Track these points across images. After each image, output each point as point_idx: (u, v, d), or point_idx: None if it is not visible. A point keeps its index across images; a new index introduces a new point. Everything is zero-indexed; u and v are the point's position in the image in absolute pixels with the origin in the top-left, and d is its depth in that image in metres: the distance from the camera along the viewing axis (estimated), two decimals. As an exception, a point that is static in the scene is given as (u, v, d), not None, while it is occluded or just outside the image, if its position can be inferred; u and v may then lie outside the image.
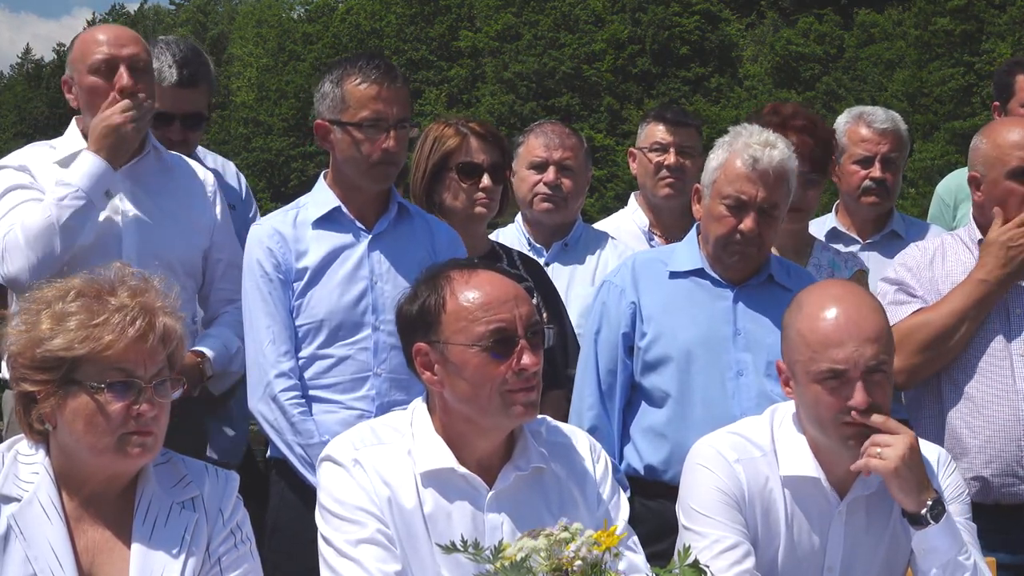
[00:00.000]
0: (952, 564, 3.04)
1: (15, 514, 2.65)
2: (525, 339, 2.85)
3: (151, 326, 2.66)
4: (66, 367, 2.62)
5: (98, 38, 4.09)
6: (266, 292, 3.86)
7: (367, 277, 3.89)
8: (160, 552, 2.70)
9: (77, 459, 2.69)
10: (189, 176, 4.29)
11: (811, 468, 3.12)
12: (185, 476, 2.80)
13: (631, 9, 47.73)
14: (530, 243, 4.90)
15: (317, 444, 3.75)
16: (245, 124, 53.14)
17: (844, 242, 4.96)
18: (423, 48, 50.57)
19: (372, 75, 3.83)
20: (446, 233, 4.05)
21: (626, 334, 3.92)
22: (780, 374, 3.18)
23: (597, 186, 41.36)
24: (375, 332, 3.87)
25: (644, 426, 3.90)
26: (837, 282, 3.22)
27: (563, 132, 4.94)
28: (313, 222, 3.91)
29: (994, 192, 3.92)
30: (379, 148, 3.83)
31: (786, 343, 3.13)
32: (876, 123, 4.94)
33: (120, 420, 2.64)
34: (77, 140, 4.14)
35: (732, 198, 3.80)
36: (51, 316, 2.64)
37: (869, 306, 3.10)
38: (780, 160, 3.82)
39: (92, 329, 2.61)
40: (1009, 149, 3.89)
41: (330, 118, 3.87)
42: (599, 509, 3.01)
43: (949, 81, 40.41)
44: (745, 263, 3.87)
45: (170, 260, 4.11)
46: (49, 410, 2.65)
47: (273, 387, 3.82)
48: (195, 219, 4.23)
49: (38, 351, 2.62)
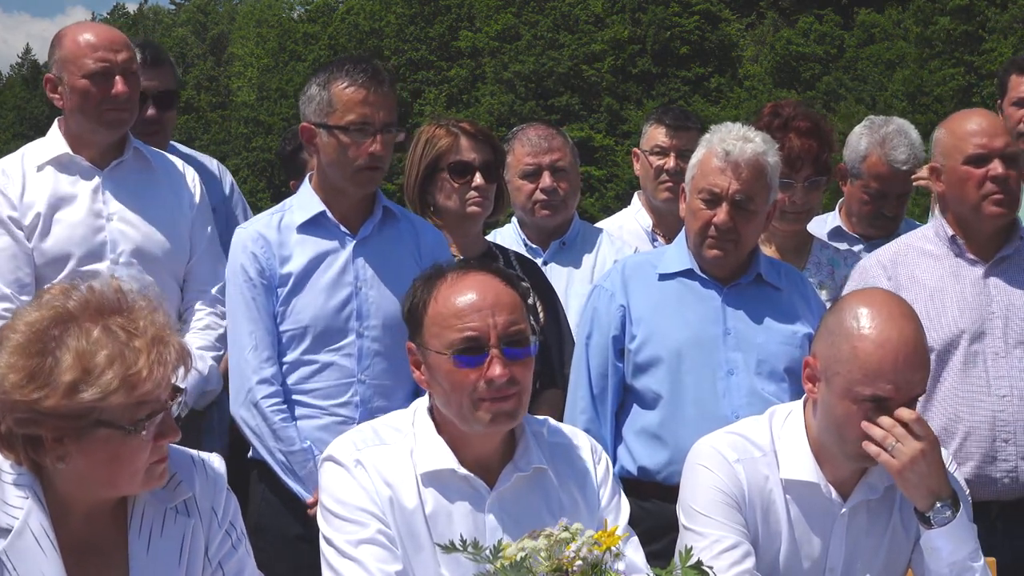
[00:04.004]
0: (961, 566, 3.03)
1: (6, 548, 2.45)
2: (497, 349, 2.82)
3: (173, 356, 2.48)
4: (96, 413, 2.40)
5: (91, 41, 4.09)
6: (249, 298, 3.85)
7: (352, 283, 3.88)
8: (160, 565, 2.59)
9: (88, 489, 2.51)
10: (171, 173, 4.32)
11: (811, 473, 3.11)
12: (175, 476, 2.65)
13: (631, 9, 47.72)
14: (526, 244, 4.88)
15: (298, 451, 3.79)
16: (245, 124, 53.14)
17: (848, 241, 4.95)
18: (423, 48, 50.55)
19: (359, 79, 3.81)
20: (432, 235, 4.04)
21: (616, 337, 3.92)
22: (806, 368, 3.11)
23: (597, 186, 41.41)
24: (359, 338, 3.86)
25: (636, 428, 3.90)
26: (899, 302, 3.10)
27: (547, 134, 4.88)
28: (298, 226, 3.90)
29: (952, 179, 3.97)
30: (365, 152, 3.81)
31: (833, 349, 3.02)
32: (897, 163, 4.75)
33: (150, 453, 2.49)
34: (59, 143, 4.16)
35: (706, 191, 3.82)
36: (74, 364, 2.38)
37: (924, 334, 3.06)
38: (754, 153, 3.82)
39: (128, 379, 2.39)
40: (965, 136, 3.95)
41: (316, 121, 3.85)
42: (600, 510, 3.00)
43: (949, 81, 40.40)
44: (725, 258, 3.86)
45: (155, 258, 4.13)
46: (65, 451, 2.42)
47: (255, 393, 3.82)
48: (179, 216, 4.25)
49: (65, 403, 2.37)
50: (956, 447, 3.83)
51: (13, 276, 4.04)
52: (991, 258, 3.98)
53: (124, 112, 4.12)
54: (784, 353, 3.86)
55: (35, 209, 4.08)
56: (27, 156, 4.18)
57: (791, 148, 4.33)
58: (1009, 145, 3.95)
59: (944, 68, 40.93)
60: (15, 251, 4.07)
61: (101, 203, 4.11)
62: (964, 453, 3.84)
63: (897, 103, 37.52)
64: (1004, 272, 3.98)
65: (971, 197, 3.93)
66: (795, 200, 4.41)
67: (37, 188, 4.10)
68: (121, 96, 4.07)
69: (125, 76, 4.08)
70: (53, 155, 4.14)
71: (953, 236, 4.00)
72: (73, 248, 4.07)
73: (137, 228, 4.15)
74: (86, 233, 4.10)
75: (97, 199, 4.13)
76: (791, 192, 4.38)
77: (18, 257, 4.06)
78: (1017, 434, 3.83)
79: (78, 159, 4.15)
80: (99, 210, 4.11)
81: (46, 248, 4.07)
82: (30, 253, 4.07)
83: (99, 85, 4.06)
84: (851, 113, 34.65)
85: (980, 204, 3.92)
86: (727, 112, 38.46)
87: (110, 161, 4.18)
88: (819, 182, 4.46)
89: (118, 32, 4.25)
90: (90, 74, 4.05)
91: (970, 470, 3.82)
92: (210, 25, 67.43)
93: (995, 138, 3.93)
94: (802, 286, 4.05)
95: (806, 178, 4.42)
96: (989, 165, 3.90)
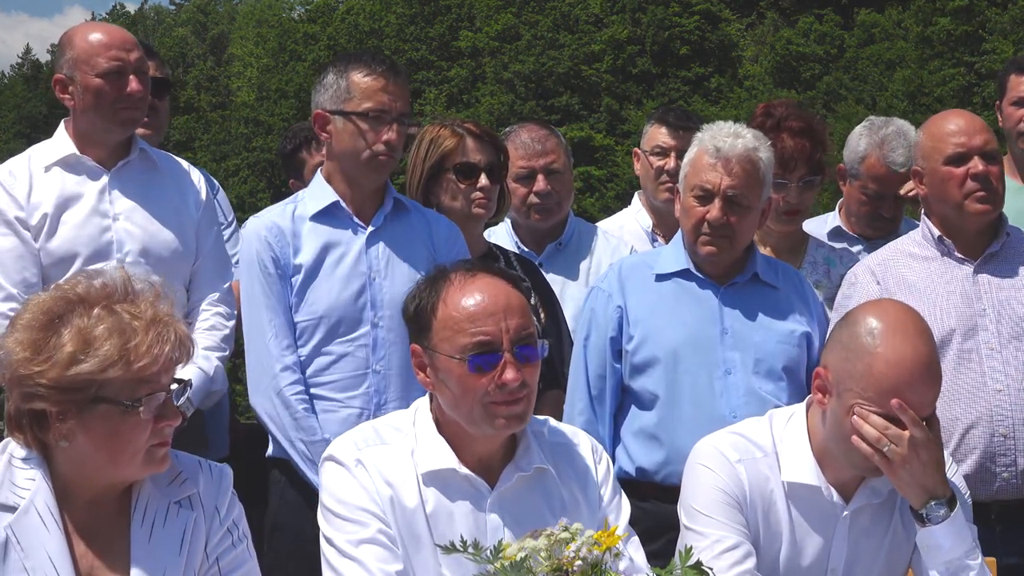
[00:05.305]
0: (957, 564, 3.03)
1: (12, 524, 2.56)
2: (510, 353, 2.83)
3: (173, 337, 2.59)
4: (95, 388, 2.52)
5: (104, 41, 4.11)
6: (267, 286, 3.85)
7: (366, 273, 3.88)
8: (160, 554, 2.65)
9: (91, 470, 2.61)
10: (177, 174, 4.34)
11: (813, 476, 3.11)
12: (180, 473, 2.74)
13: (631, 9, 47.70)
14: (519, 247, 4.82)
15: (320, 441, 3.74)
16: (245, 124, 53.09)
17: (848, 241, 4.94)
18: (423, 48, 50.53)
19: (378, 68, 3.86)
20: (445, 227, 4.04)
21: (614, 338, 3.92)
22: (816, 379, 3.08)
23: (597, 186, 41.40)
24: (374, 328, 3.86)
25: (634, 428, 3.90)
26: (914, 319, 3.05)
27: (540, 135, 4.81)
28: (311, 216, 3.91)
29: (934, 181, 3.98)
30: (380, 139, 3.84)
31: (846, 364, 3.00)
32: (896, 165, 4.73)
33: (151, 433, 2.58)
34: (66, 144, 4.17)
35: (699, 188, 3.83)
36: (75, 337, 2.51)
37: (936, 351, 3.05)
38: (745, 148, 3.82)
39: (126, 351, 2.51)
40: (944, 137, 3.97)
41: (332, 108, 3.87)
42: (600, 510, 3.01)
43: (949, 81, 40.39)
44: (719, 255, 3.86)
45: (161, 258, 4.13)
46: (69, 429, 2.54)
47: (279, 381, 3.81)
48: (184, 216, 4.25)
49: (66, 373, 2.49)
50: (955, 445, 3.83)
51: (20, 276, 4.05)
52: (979, 255, 3.99)
53: (137, 111, 4.14)
54: (782, 352, 3.86)
55: (42, 209, 4.09)
56: (34, 157, 4.20)
57: (784, 148, 4.32)
58: (989, 143, 3.96)
59: (944, 68, 40.93)
60: (22, 251, 4.08)
61: (107, 203, 4.12)
62: (963, 450, 3.84)
63: (897, 103, 37.50)
64: (993, 268, 3.99)
65: (954, 197, 3.94)
66: (789, 200, 4.42)
67: (44, 188, 4.11)
68: (136, 94, 4.09)
69: (138, 75, 4.10)
70: (60, 156, 4.16)
71: (940, 236, 4.01)
72: (79, 248, 4.08)
73: (143, 228, 4.16)
74: (92, 233, 4.10)
75: (103, 199, 4.14)
76: (785, 192, 4.38)
77: (25, 257, 4.07)
78: (1016, 428, 3.82)
79: (85, 159, 4.16)
80: (105, 210, 4.12)
81: (52, 248, 4.08)
82: (36, 253, 4.08)
83: (113, 84, 4.07)
84: (851, 113, 34.68)
85: (963, 203, 3.93)
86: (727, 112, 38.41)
87: (117, 161, 4.19)
88: (813, 182, 4.46)
89: (128, 32, 4.27)
90: (104, 73, 4.07)
91: (970, 467, 3.82)
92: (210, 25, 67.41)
93: (973, 136, 3.94)
94: (800, 285, 4.05)
95: (800, 178, 4.42)
96: (969, 164, 3.91)
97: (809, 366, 3.87)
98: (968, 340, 3.89)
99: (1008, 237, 4.02)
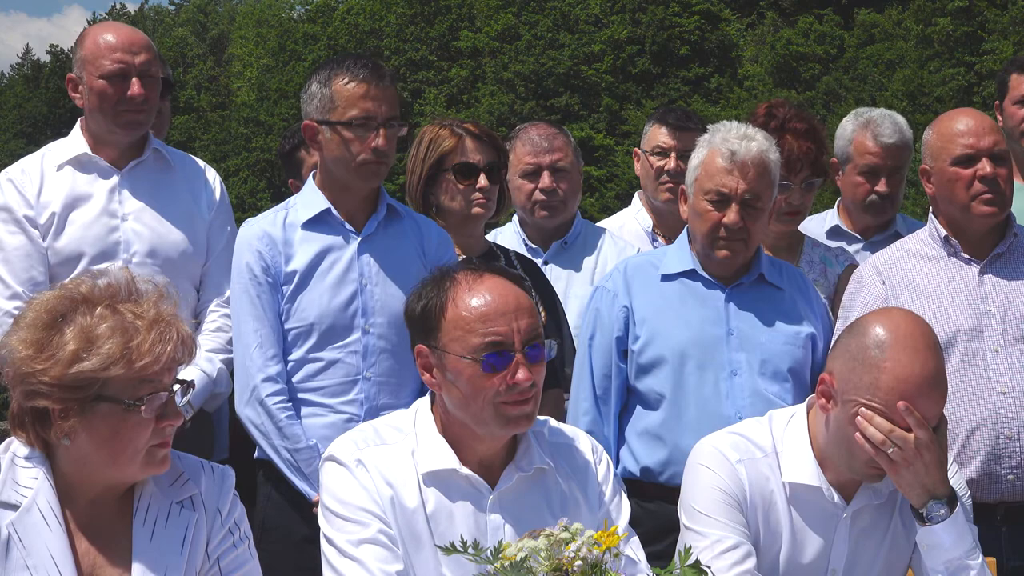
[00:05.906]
0: (957, 564, 3.03)
1: (14, 522, 2.57)
2: (521, 353, 2.83)
3: (175, 337, 2.61)
4: (97, 386, 2.54)
5: (111, 42, 4.10)
6: (254, 295, 3.85)
7: (357, 280, 3.88)
8: (162, 554, 2.66)
9: (92, 469, 2.62)
10: (191, 174, 4.33)
11: (814, 477, 3.11)
12: (183, 474, 2.76)
13: (631, 9, 47.69)
14: (527, 244, 4.87)
15: (304, 448, 3.78)
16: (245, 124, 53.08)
17: (847, 240, 4.95)
18: (423, 48, 50.51)
19: (360, 74, 3.82)
20: (436, 234, 4.04)
21: (619, 338, 3.92)
22: (820, 384, 3.07)
23: (597, 186, 41.37)
24: (365, 335, 3.86)
25: (639, 428, 3.90)
26: (923, 332, 3.03)
27: (549, 133, 4.87)
28: (302, 224, 3.91)
29: (942, 181, 3.97)
30: (368, 147, 3.82)
31: (852, 374, 2.99)
32: (883, 136, 4.78)
33: (152, 433, 2.60)
34: (80, 143, 4.16)
35: (714, 192, 3.82)
36: (78, 335, 2.54)
37: (943, 364, 3.05)
38: (759, 151, 3.82)
39: (128, 350, 2.53)
40: (952, 138, 3.96)
41: (319, 118, 3.86)
42: (601, 510, 3.01)
43: (949, 81, 40.37)
44: (734, 258, 3.86)
45: (170, 259, 4.12)
46: (71, 427, 2.56)
47: (260, 391, 3.82)
48: (196, 218, 4.24)
49: (68, 371, 2.52)
50: (960, 447, 3.82)
51: (27, 275, 4.06)
52: (986, 256, 3.98)
53: (140, 114, 4.13)
54: (787, 353, 3.86)
55: (51, 208, 4.10)
56: (47, 156, 4.20)
57: (790, 150, 4.32)
58: (997, 144, 3.95)
59: (944, 68, 40.90)
60: (29, 250, 4.08)
61: (117, 203, 4.12)
62: (968, 452, 3.83)
63: (897, 103, 37.43)
64: (999, 270, 3.98)
65: (961, 198, 3.93)
66: (792, 201, 4.42)
67: (54, 187, 4.11)
68: (136, 98, 4.07)
69: (142, 78, 4.08)
70: (73, 155, 4.16)
71: (947, 237, 4.01)
72: (86, 247, 4.08)
73: (152, 229, 4.15)
74: (99, 232, 4.10)
75: (113, 199, 4.14)
76: (788, 193, 4.38)
77: (32, 256, 4.08)
78: (1020, 430, 3.82)
79: (97, 159, 4.16)
80: (114, 210, 4.12)
81: (59, 247, 4.08)
82: (44, 252, 4.08)
83: (115, 86, 4.06)
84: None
85: (970, 204, 3.92)
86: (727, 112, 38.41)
87: (129, 161, 4.19)
88: (815, 183, 4.47)
89: (140, 34, 4.23)
90: (107, 75, 4.06)
91: (975, 469, 3.81)
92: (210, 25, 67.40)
93: (982, 137, 3.93)
94: (803, 285, 4.05)
95: (803, 179, 4.43)
96: (977, 165, 3.90)
97: (814, 367, 3.87)
98: (973, 341, 3.88)
99: (1015, 238, 4.01)
